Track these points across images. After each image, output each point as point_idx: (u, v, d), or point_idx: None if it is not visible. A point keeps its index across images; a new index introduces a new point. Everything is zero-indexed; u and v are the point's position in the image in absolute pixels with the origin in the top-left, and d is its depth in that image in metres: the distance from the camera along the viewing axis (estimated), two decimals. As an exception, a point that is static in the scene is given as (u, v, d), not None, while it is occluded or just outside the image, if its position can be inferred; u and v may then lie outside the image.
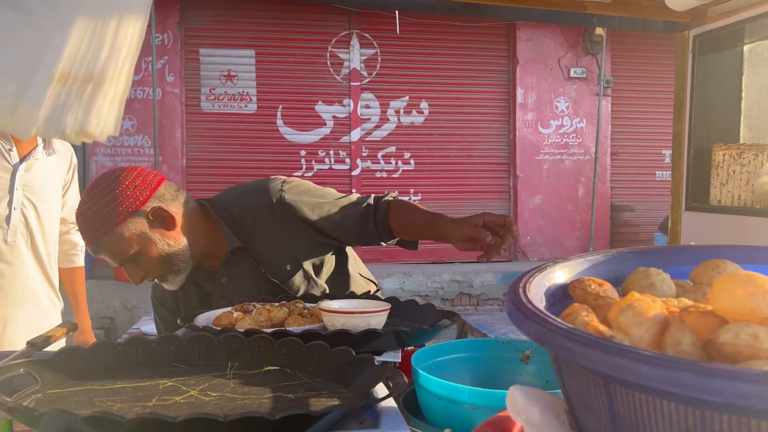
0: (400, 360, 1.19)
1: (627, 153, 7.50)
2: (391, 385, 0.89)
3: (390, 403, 0.89)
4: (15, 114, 0.82)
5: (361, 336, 1.13)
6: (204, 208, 1.57)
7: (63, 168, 2.31)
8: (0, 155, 2.11)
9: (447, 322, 1.32)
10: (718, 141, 2.87)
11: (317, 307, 1.28)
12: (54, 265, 2.29)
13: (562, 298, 0.67)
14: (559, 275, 0.69)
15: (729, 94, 2.98)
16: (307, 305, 1.36)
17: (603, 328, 0.54)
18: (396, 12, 6.30)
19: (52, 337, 1.41)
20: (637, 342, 0.52)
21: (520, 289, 0.60)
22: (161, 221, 1.45)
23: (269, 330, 1.14)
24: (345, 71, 6.95)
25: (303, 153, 6.91)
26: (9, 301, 2.15)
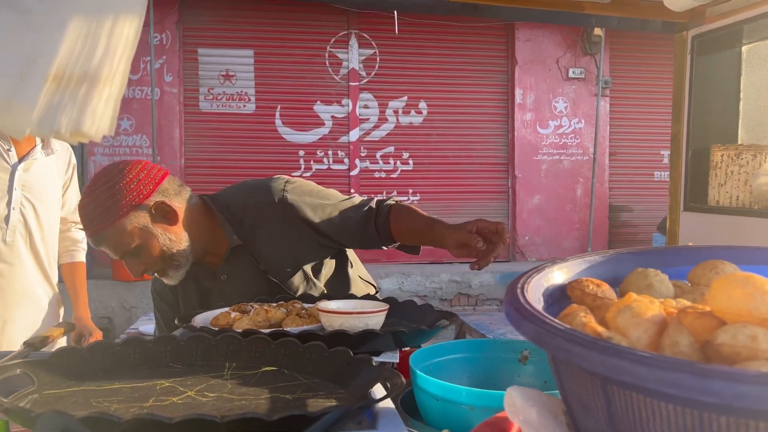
0: (398, 360, 1.19)
1: (625, 153, 7.50)
2: (389, 386, 0.89)
3: (388, 404, 0.89)
4: (9, 113, 0.82)
5: (359, 336, 1.13)
6: (206, 204, 1.57)
7: (62, 168, 2.31)
8: (-2, 155, 2.11)
9: (445, 322, 1.32)
10: (716, 141, 2.87)
11: (315, 308, 1.28)
12: (53, 265, 2.29)
13: (560, 298, 0.67)
14: (557, 276, 0.69)
15: (727, 94, 2.98)
16: (305, 306, 1.36)
17: (601, 329, 0.53)
18: (395, 12, 6.30)
19: (49, 338, 1.41)
20: (635, 343, 0.52)
21: (518, 290, 0.60)
22: (164, 216, 1.44)
23: (267, 330, 1.14)
24: (344, 71, 6.95)
25: (301, 153, 6.91)
26: (8, 301, 2.15)
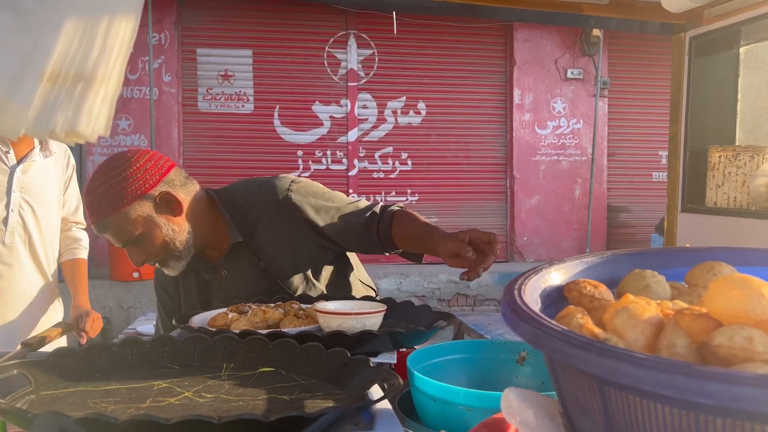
0: (395, 361, 1.19)
1: (624, 154, 7.51)
2: (387, 387, 0.89)
3: (385, 405, 0.89)
4: (4, 113, 0.82)
5: (357, 337, 1.13)
6: (211, 198, 1.57)
7: (60, 169, 2.31)
8: (-3, 157, 2.11)
9: (443, 323, 1.32)
10: (714, 143, 2.87)
11: (313, 308, 1.27)
12: (52, 267, 2.28)
13: (557, 299, 0.67)
14: (555, 277, 0.69)
15: (725, 95, 2.98)
16: (303, 306, 1.36)
17: (598, 330, 0.53)
18: (393, 12, 6.29)
19: (47, 338, 1.41)
20: (632, 344, 0.52)
21: (515, 291, 0.60)
22: (168, 206, 1.45)
23: (264, 331, 1.14)
24: (342, 71, 6.95)
25: (300, 153, 6.91)
26: (7, 303, 2.14)
